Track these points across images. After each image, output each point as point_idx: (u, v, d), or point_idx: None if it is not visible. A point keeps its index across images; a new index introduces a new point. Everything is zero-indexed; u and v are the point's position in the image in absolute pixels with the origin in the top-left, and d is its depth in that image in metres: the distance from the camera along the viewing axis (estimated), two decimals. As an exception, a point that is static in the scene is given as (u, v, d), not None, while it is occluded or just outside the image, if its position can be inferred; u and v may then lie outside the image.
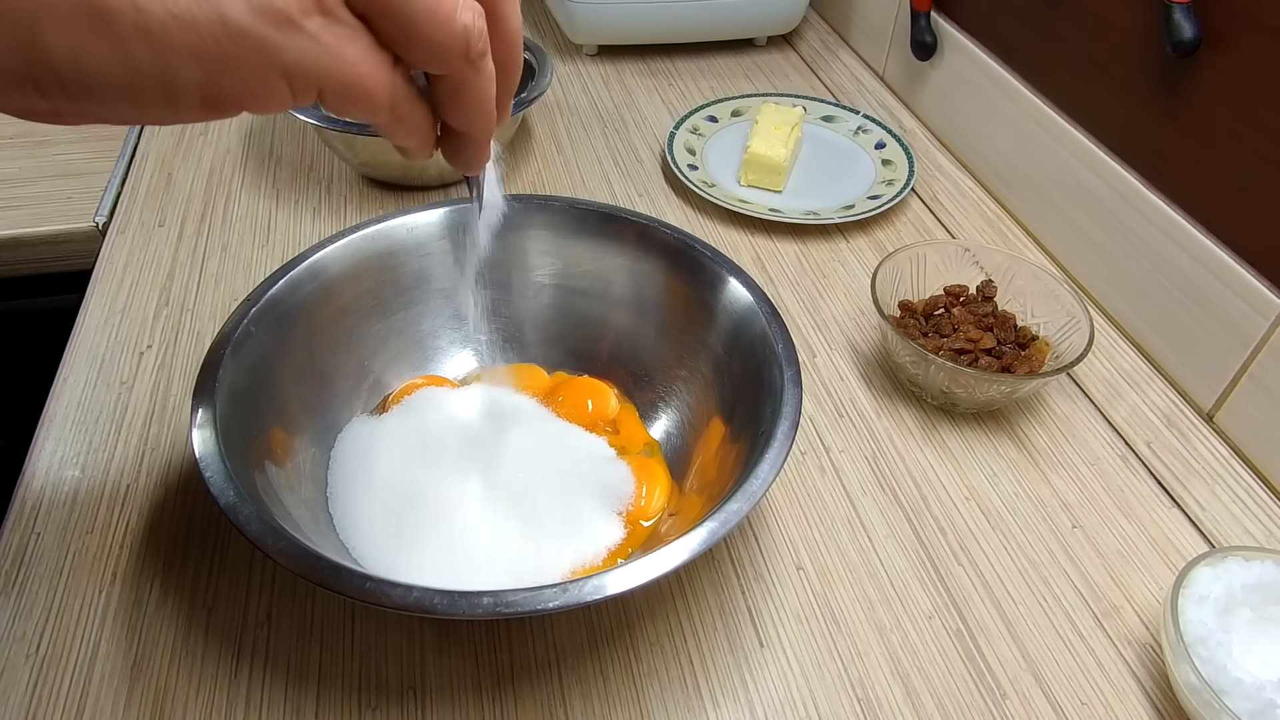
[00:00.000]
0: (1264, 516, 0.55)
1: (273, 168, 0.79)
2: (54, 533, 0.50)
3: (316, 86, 0.26)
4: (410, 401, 0.54)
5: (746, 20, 1.00)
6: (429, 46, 0.28)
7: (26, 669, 0.44)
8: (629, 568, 0.38)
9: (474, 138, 0.33)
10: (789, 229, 0.76)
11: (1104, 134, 0.68)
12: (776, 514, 0.53)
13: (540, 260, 0.58)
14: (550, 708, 0.44)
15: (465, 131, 0.33)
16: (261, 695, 0.44)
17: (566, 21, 0.97)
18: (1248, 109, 0.56)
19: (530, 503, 0.48)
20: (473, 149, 0.34)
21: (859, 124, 0.87)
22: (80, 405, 0.57)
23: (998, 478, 0.56)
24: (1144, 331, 0.66)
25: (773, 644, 0.47)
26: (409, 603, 0.37)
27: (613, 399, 0.56)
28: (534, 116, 0.88)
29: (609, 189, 0.79)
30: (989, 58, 0.80)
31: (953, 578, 0.51)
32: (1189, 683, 0.42)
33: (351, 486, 0.49)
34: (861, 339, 0.66)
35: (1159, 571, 0.52)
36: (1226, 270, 0.58)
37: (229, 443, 0.43)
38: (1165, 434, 0.60)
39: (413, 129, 0.32)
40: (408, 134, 0.32)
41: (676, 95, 0.94)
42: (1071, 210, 0.72)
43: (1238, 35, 0.56)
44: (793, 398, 0.46)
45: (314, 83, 0.25)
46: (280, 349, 0.49)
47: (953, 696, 0.45)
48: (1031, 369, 0.57)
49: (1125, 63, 0.66)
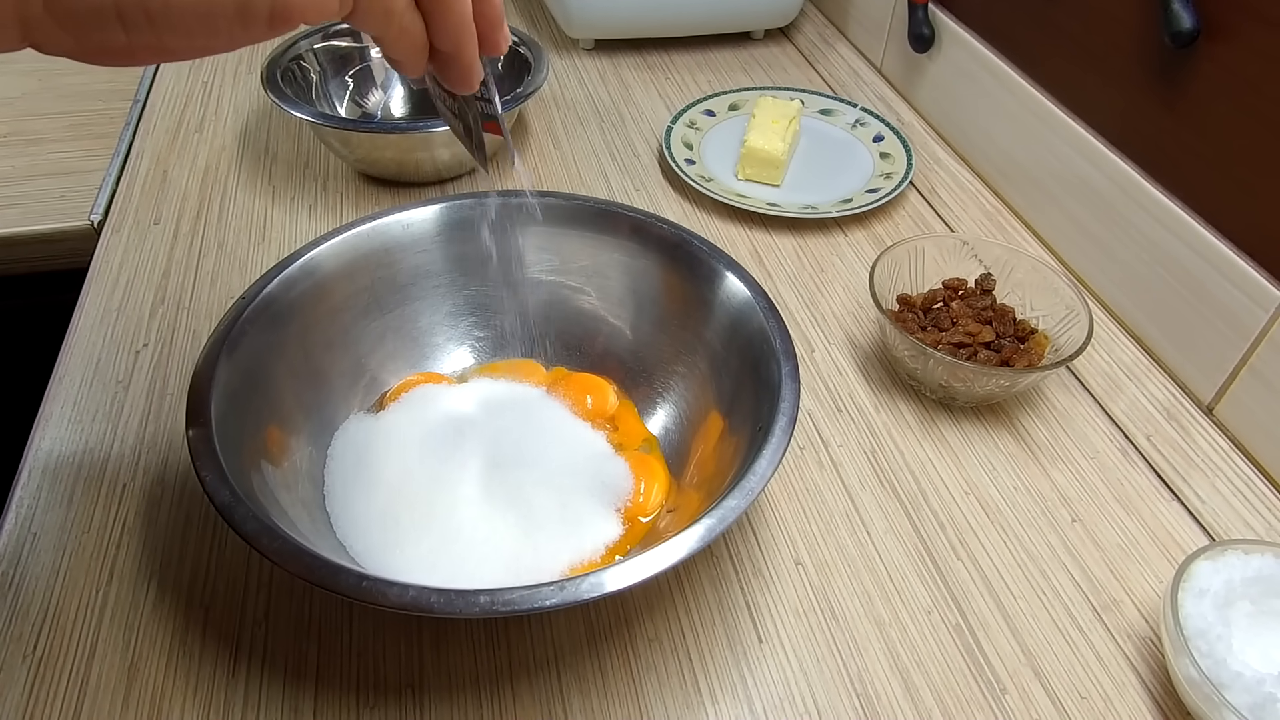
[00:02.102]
0: (1264, 509, 0.55)
1: (268, 165, 0.79)
2: (50, 532, 0.50)
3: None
4: (407, 399, 0.54)
5: (743, 13, 0.99)
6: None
7: (23, 669, 0.44)
8: (627, 565, 0.38)
9: (460, 56, 0.36)
10: (787, 223, 0.75)
11: (1102, 126, 0.68)
12: (775, 509, 0.53)
13: (537, 256, 0.58)
14: (549, 705, 0.44)
15: (451, 51, 0.35)
16: (259, 694, 0.44)
17: (563, 16, 0.97)
18: (1246, 100, 0.56)
19: (528, 500, 0.48)
20: (460, 67, 0.36)
21: (857, 117, 0.87)
22: (76, 404, 0.57)
23: (997, 472, 0.56)
24: (1143, 324, 0.66)
25: (771, 640, 0.47)
26: (406, 602, 0.37)
27: (611, 395, 0.56)
28: (530, 111, 0.88)
29: (606, 184, 0.79)
30: (987, 50, 0.79)
31: (952, 572, 0.51)
32: (1189, 676, 0.42)
33: (348, 485, 0.49)
34: (860, 333, 0.66)
35: (1159, 565, 0.52)
36: (1226, 262, 0.58)
37: (225, 442, 0.42)
38: (1165, 427, 0.60)
39: (410, 42, 0.34)
40: (406, 47, 0.34)
41: (673, 89, 0.94)
42: (1070, 203, 0.71)
43: (1236, 26, 0.56)
44: (791, 393, 0.46)
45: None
46: (276, 347, 0.49)
47: (952, 691, 0.45)
48: (1030, 362, 0.57)
49: (1123, 54, 0.65)
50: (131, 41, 0.24)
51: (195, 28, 0.25)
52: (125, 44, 0.24)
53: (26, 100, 0.86)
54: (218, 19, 0.25)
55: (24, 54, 0.28)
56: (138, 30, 0.24)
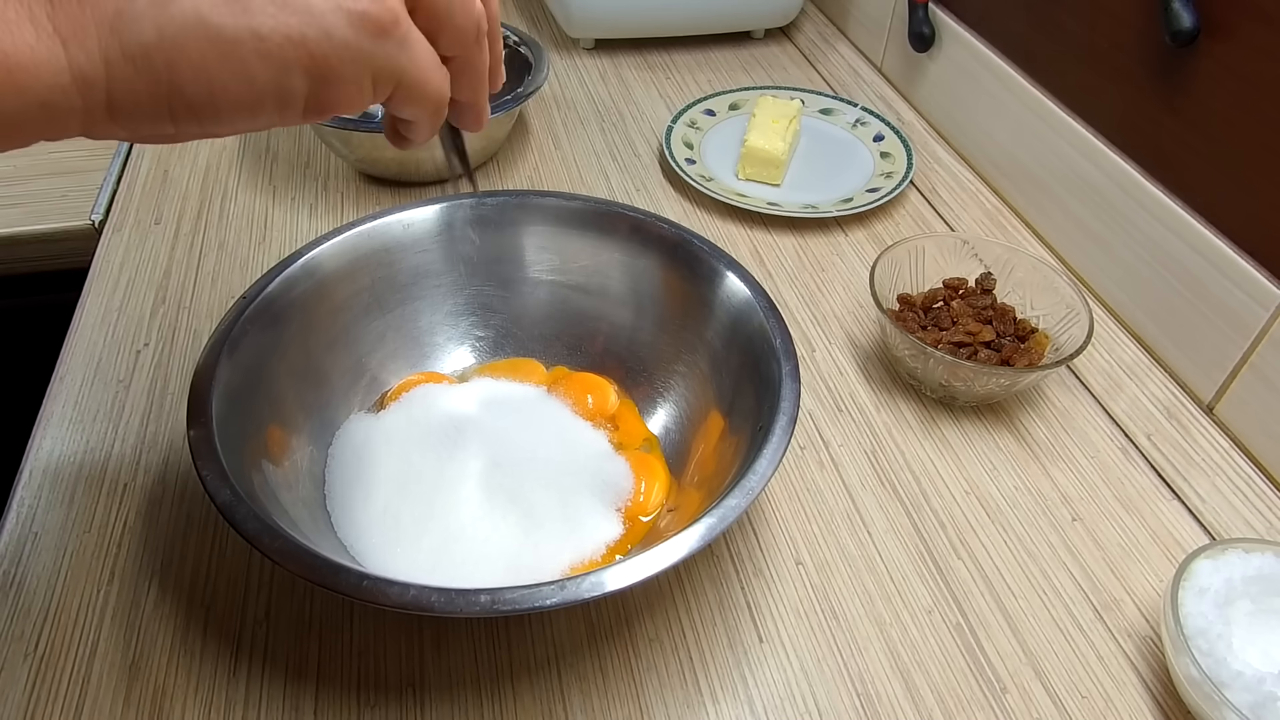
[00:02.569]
0: (1264, 508, 0.55)
1: (269, 165, 0.79)
2: (52, 532, 0.50)
3: (394, 85, 0.28)
4: (408, 398, 0.54)
5: (744, 13, 0.99)
6: (455, 32, 0.31)
7: (25, 668, 0.44)
8: (627, 564, 0.38)
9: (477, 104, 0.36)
10: (787, 223, 0.75)
11: (1103, 125, 0.68)
12: (775, 509, 0.53)
13: (537, 255, 0.58)
14: (549, 704, 0.44)
15: (470, 101, 0.36)
16: (260, 693, 0.44)
17: (563, 15, 0.97)
18: (1247, 99, 0.56)
19: (529, 499, 0.48)
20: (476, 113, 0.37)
21: (857, 117, 0.87)
22: (77, 404, 0.57)
23: (997, 471, 0.56)
24: (1143, 323, 0.66)
25: (772, 639, 0.47)
26: (406, 601, 0.37)
27: (612, 394, 0.56)
28: (531, 111, 0.88)
29: (606, 183, 0.79)
30: (987, 49, 0.79)
31: (952, 572, 0.51)
32: (1189, 675, 0.42)
33: (349, 484, 0.49)
34: (860, 333, 0.66)
35: (1159, 564, 0.52)
36: (1226, 261, 0.58)
37: (226, 441, 0.42)
38: (1165, 426, 0.60)
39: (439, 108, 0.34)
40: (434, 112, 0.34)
41: (674, 89, 0.94)
42: (1070, 202, 0.71)
43: (1237, 25, 0.56)
44: (791, 392, 0.46)
45: (394, 82, 0.28)
46: (276, 347, 0.49)
47: (952, 690, 0.45)
48: (1031, 362, 0.57)
49: (1124, 53, 0.65)
50: (179, 132, 0.27)
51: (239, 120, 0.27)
52: (173, 134, 0.27)
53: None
54: (259, 113, 0.27)
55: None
56: (186, 124, 0.26)
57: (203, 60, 0.25)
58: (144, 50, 0.24)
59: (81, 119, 0.25)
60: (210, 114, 0.26)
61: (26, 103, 0.24)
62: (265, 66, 0.26)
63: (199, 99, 0.26)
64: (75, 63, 0.24)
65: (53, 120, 0.25)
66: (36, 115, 0.25)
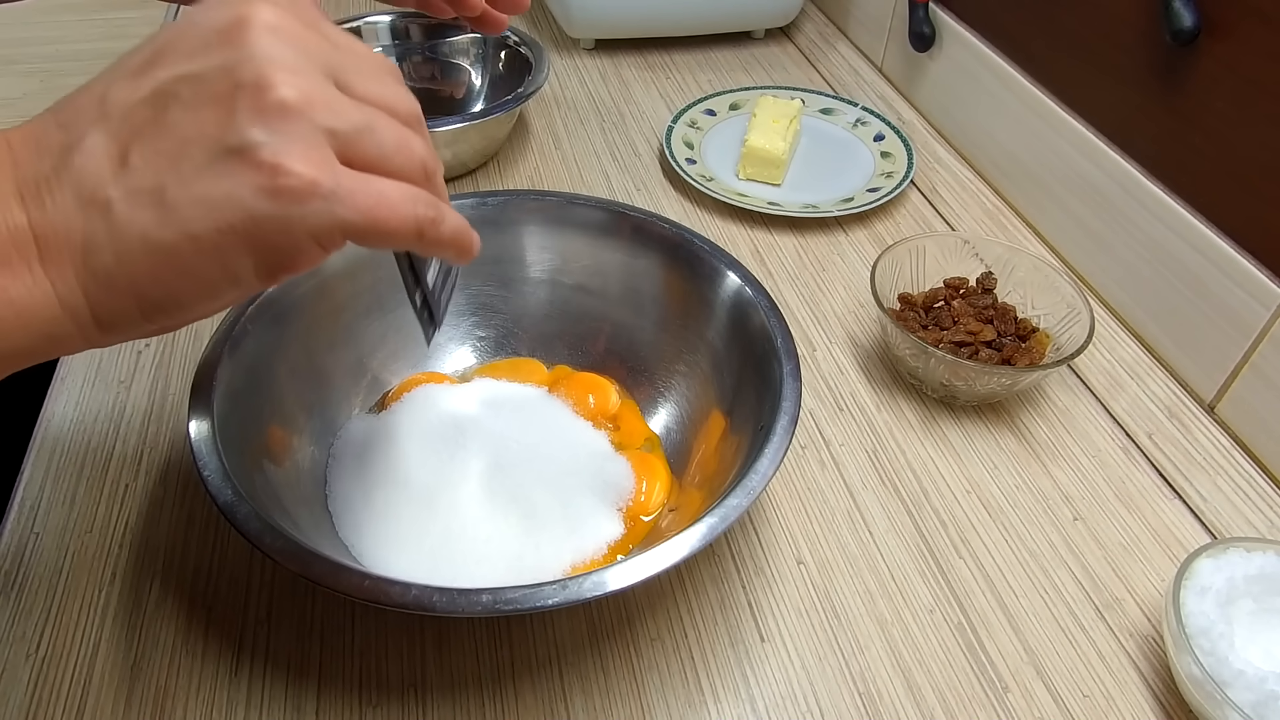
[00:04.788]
0: (1265, 507, 0.55)
1: (269, 165, 0.79)
2: (53, 532, 0.50)
3: (342, 236, 0.29)
4: (409, 399, 0.54)
5: (744, 13, 0.99)
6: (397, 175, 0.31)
7: (26, 669, 0.44)
8: (629, 564, 0.38)
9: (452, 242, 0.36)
10: (788, 222, 0.75)
11: (1103, 124, 0.68)
12: (777, 508, 0.53)
13: (538, 255, 0.58)
14: (551, 704, 0.44)
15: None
16: (262, 694, 0.44)
17: (563, 15, 0.97)
18: (1248, 98, 0.56)
19: (530, 499, 0.48)
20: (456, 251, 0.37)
21: (857, 116, 0.87)
22: (78, 404, 0.57)
23: (998, 470, 0.56)
24: (1144, 322, 0.66)
25: (774, 638, 0.47)
26: (408, 601, 0.37)
27: (613, 394, 0.56)
28: (531, 111, 0.88)
29: (607, 183, 0.79)
30: (987, 48, 0.79)
31: (954, 571, 0.51)
32: (1191, 674, 0.42)
33: (350, 485, 0.49)
34: (861, 332, 0.66)
35: (1160, 563, 0.52)
36: (1227, 260, 0.58)
37: (227, 441, 0.42)
38: (1166, 425, 0.60)
39: None
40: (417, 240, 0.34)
41: (674, 89, 0.94)
42: (1071, 201, 0.71)
43: (1237, 23, 0.56)
44: (792, 392, 0.46)
45: (339, 233, 0.29)
46: (278, 347, 0.49)
47: (954, 689, 0.45)
48: (1032, 361, 0.57)
49: (1124, 52, 0.65)
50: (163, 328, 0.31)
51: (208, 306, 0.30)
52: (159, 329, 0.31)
53: (28, 101, 0.86)
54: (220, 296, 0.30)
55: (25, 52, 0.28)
56: (164, 321, 0.30)
57: (156, 272, 0.28)
58: (109, 276, 0.28)
59: (79, 339, 0.29)
60: (179, 311, 0.30)
61: (34, 335, 0.28)
62: (209, 261, 0.28)
63: (166, 302, 0.29)
64: (62, 296, 0.28)
65: (58, 345, 0.29)
66: (44, 344, 0.29)
